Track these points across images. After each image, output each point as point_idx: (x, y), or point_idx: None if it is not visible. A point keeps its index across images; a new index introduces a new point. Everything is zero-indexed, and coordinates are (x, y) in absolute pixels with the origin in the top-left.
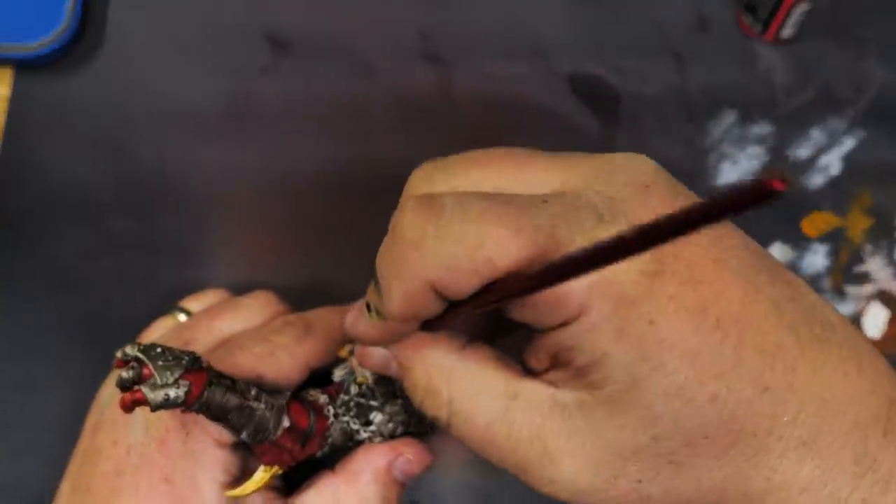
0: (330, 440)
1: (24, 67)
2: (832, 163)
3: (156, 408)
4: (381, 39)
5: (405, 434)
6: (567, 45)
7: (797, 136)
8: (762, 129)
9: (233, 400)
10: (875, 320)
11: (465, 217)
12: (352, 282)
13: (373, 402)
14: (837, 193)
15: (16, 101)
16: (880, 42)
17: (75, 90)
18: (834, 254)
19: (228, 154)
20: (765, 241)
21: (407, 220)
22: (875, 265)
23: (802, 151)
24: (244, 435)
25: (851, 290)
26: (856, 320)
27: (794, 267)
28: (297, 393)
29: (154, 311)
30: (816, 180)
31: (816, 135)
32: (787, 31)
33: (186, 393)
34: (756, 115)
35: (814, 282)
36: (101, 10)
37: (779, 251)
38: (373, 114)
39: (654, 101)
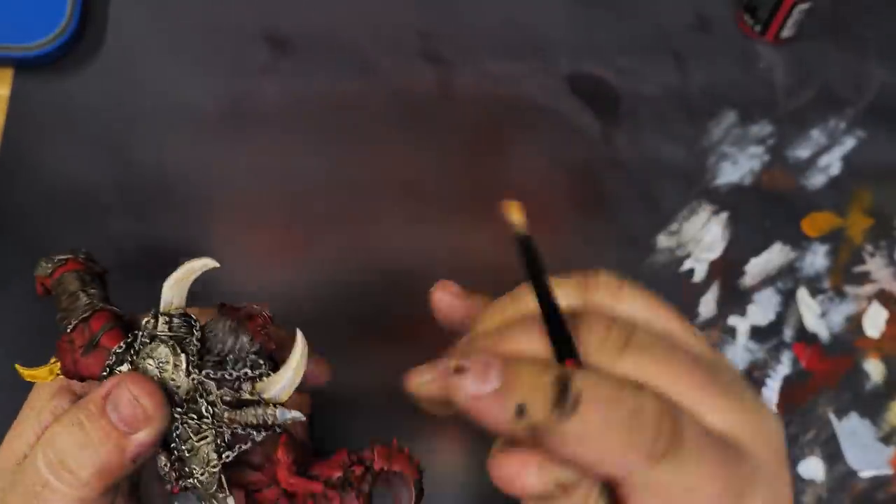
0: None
1: (24, 67)
2: (832, 163)
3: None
4: (381, 39)
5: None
6: (567, 45)
7: (797, 136)
8: (762, 129)
9: (73, 284)
10: (875, 320)
11: (699, 459)
12: (352, 281)
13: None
14: (837, 193)
15: (16, 101)
16: (880, 42)
17: (75, 90)
18: (834, 254)
19: (228, 154)
20: (765, 242)
21: (654, 434)
22: (875, 265)
23: (802, 151)
24: (58, 317)
25: (851, 290)
26: (856, 320)
27: (794, 267)
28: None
29: None
30: (816, 180)
31: (816, 135)
32: (787, 31)
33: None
34: (756, 115)
35: (814, 282)
36: (101, 10)
37: (779, 251)
38: (373, 113)
39: (654, 101)
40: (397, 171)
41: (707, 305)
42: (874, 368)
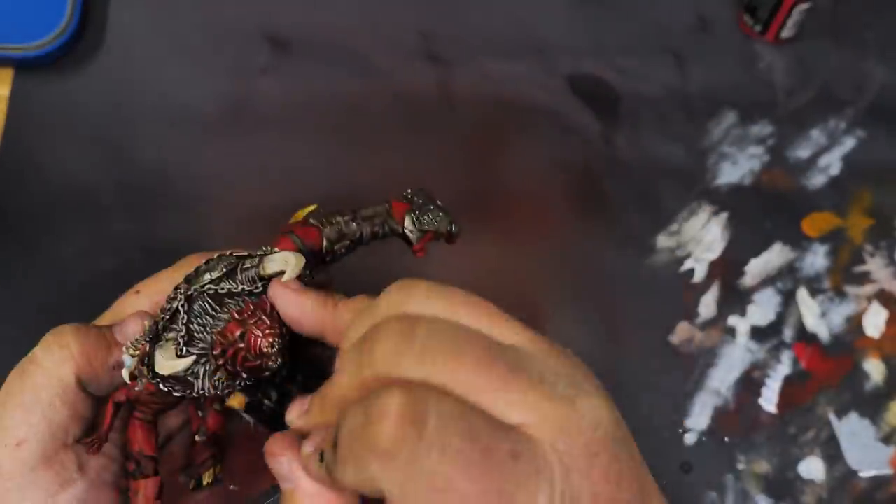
0: None
1: (24, 67)
2: (832, 163)
3: None
4: (381, 39)
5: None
6: (567, 45)
7: (797, 136)
8: (762, 129)
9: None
10: (875, 320)
11: (442, 452)
12: (352, 281)
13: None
14: (837, 193)
15: (16, 101)
16: (880, 42)
17: (75, 90)
18: (834, 254)
19: (228, 154)
20: (765, 242)
21: (386, 430)
22: (875, 265)
23: (802, 151)
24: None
25: (851, 290)
26: (856, 320)
27: (794, 267)
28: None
29: None
30: (816, 180)
31: (816, 135)
32: (787, 31)
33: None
34: (756, 115)
35: (814, 282)
36: (101, 10)
37: (779, 251)
38: (373, 114)
39: (654, 101)
40: (397, 171)
41: (707, 305)
42: (874, 368)
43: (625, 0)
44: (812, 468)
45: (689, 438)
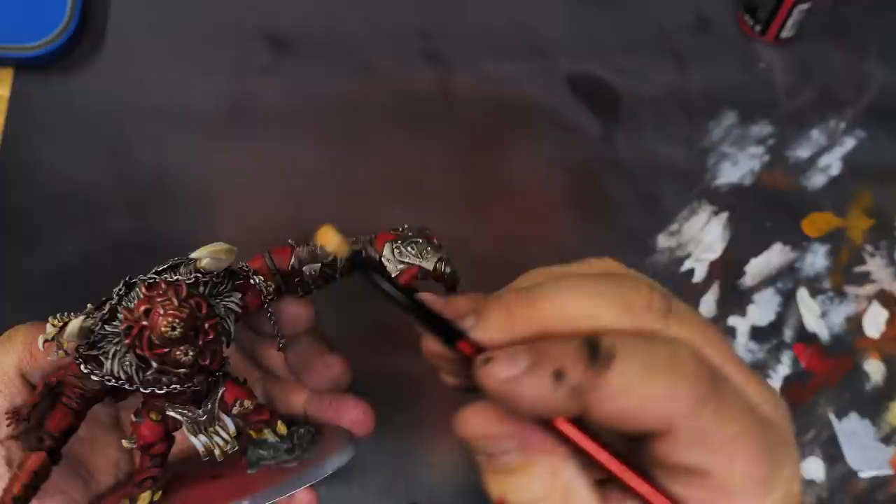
0: None
1: (24, 67)
2: (832, 163)
3: None
4: (381, 39)
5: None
6: (567, 45)
7: (797, 136)
8: (762, 129)
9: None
10: (875, 320)
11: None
12: (351, 281)
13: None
14: (837, 193)
15: (16, 101)
16: (880, 42)
17: (75, 90)
18: (834, 254)
19: (228, 154)
20: (765, 242)
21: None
22: (875, 265)
23: (802, 151)
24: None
25: (851, 290)
26: (856, 320)
27: (794, 267)
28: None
29: None
30: (816, 180)
31: (816, 135)
32: (787, 31)
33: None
34: (756, 115)
35: (814, 282)
36: (101, 10)
37: (779, 251)
38: (373, 113)
39: (654, 101)
40: (397, 170)
41: (707, 305)
42: (874, 368)
43: (625, 0)
44: (812, 468)
45: None
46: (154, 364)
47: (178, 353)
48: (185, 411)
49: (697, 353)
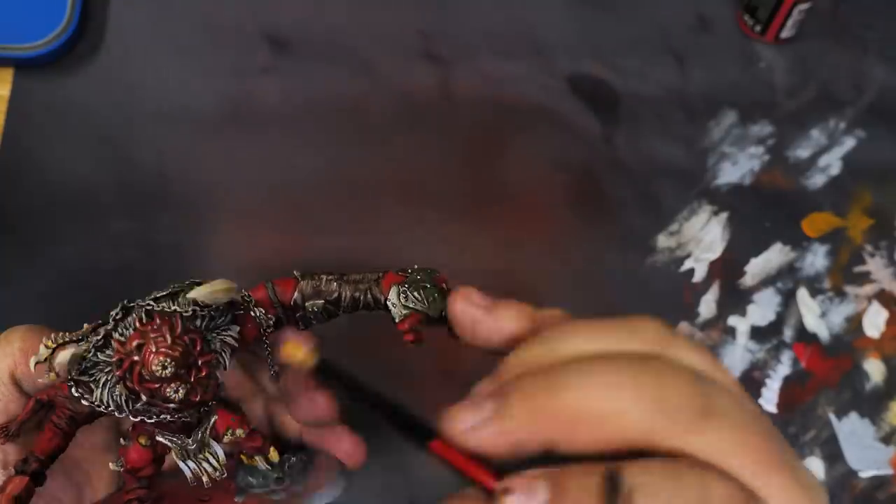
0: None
1: (24, 67)
2: (832, 163)
3: None
4: (381, 39)
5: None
6: (567, 45)
7: (797, 136)
8: (762, 129)
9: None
10: (875, 320)
11: None
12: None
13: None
14: (837, 193)
15: (16, 101)
16: (880, 42)
17: (75, 90)
18: (834, 254)
19: (228, 154)
20: (765, 242)
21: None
22: (875, 265)
23: (802, 151)
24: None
25: (851, 290)
26: (856, 320)
27: (794, 267)
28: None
29: None
30: (816, 180)
31: (816, 135)
32: (787, 31)
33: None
34: (756, 115)
35: (814, 282)
36: (101, 10)
37: (779, 251)
38: (373, 114)
39: (654, 101)
40: (397, 171)
41: (707, 305)
42: (874, 368)
43: (625, 0)
44: (812, 468)
45: None
46: (144, 397)
47: (168, 389)
48: (175, 438)
49: (732, 488)
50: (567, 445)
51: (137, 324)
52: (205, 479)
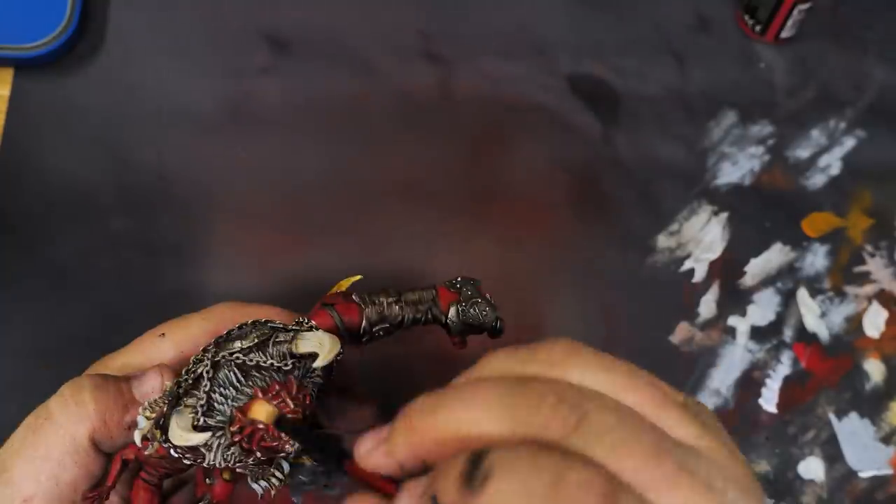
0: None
1: (24, 67)
2: (832, 163)
3: None
4: (381, 39)
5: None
6: (567, 45)
7: (797, 136)
8: (762, 129)
9: None
10: (875, 320)
11: None
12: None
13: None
14: (837, 193)
15: (16, 101)
16: (880, 42)
17: (75, 90)
18: (834, 254)
19: (228, 154)
20: (765, 242)
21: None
22: (875, 265)
23: (802, 151)
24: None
25: (851, 290)
26: (856, 320)
27: (794, 267)
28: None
29: (154, 311)
30: (816, 180)
31: (816, 135)
32: (787, 31)
33: None
34: (756, 115)
35: (814, 282)
36: (101, 10)
37: (779, 251)
38: (373, 114)
39: (654, 101)
40: (397, 171)
41: (707, 305)
42: (874, 368)
43: (625, 0)
44: (812, 468)
45: None
46: (259, 455)
47: (287, 445)
48: (254, 468)
49: (594, 472)
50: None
51: (240, 384)
52: (273, 492)
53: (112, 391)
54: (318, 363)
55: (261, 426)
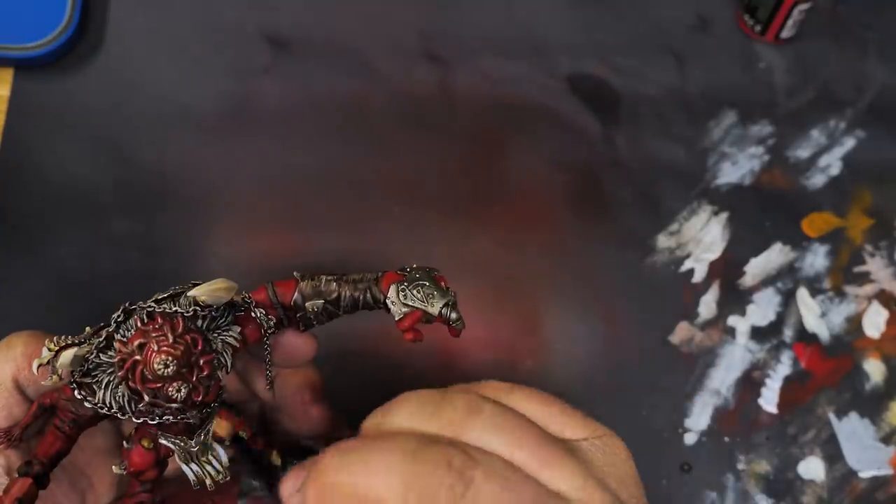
0: None
1: (24, 67)
2: (832, 163)
3: None
4: (381, 39)
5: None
6: (567, 45)
7: (797, 136)
8: (762, 129)
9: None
10: (875, 320)
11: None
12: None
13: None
14: (837, 193)
15: (16, 101)
16: (880, 42)
17: (75, 90)
18: (834, 254)
19: (228, 154)
20: (764, 242)
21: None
22: (875, 265)
23: (802, 151)
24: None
25: (851, 290)
26: (856, 320)
27: (794, 267)
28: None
29: None
30: (816, 180)
31: (816, 135)
32: (787, 31)
33: None
34: (756, 115)
35: (814, 282)
36: (101, 10)
37: (779, 251)
38: (373, 114)
39: (654, 101)
40: (397, 171)
41: (707, 305)
42: (874, 368)
43: (625, 0)
44: (812, 468)
45: (689, 438)
46: (146, 397)
47: (170, 389)
48: (178, 441)
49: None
50: None
51: (139, 324)
52: (208, 482)
53: (44, 341)
54: (195, 292)
55: (138, 357)
